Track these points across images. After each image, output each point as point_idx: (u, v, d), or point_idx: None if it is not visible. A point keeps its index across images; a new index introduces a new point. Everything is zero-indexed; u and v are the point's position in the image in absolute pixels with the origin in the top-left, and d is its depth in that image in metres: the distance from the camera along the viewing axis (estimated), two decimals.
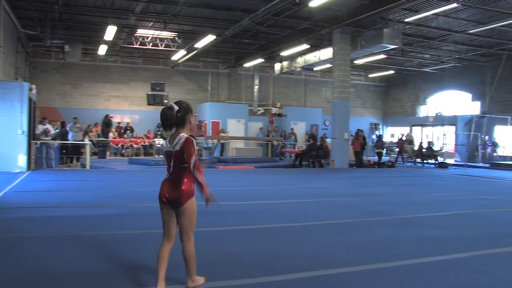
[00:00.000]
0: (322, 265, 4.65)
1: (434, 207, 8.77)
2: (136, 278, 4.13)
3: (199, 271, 3.92)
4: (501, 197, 10.55)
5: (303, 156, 19.68)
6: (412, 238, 5.97)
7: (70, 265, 4.47)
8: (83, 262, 4.57)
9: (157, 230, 5.35)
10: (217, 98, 27.77)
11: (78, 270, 4.35)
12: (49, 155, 14.47)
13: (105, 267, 4.43)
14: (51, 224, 6.38)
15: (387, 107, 33.31)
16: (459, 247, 5.49)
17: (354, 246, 5.49)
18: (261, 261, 4.76)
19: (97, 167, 15.64)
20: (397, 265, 4.72)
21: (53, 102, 24.27)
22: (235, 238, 5.77)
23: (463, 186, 12.74)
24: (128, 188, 10.37)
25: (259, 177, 14.27)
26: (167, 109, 3.71)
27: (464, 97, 27.22)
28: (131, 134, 24.78)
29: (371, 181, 14.09)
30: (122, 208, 7.81)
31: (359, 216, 7.57)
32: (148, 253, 4.82)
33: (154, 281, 3.70)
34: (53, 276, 4.16)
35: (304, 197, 9.64)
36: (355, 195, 10.26)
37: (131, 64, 26.27)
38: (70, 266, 4.44)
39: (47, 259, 4.68)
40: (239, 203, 8.55)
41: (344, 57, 18.78)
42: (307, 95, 30.49)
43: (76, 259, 4.68)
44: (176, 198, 3.64)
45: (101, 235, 5.71)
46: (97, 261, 4.61)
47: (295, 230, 6.44)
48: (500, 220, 7.49)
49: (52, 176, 12.64)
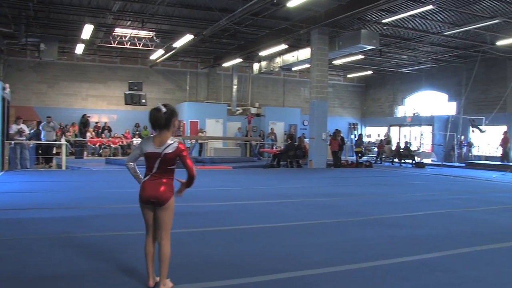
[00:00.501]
0: (294, 267, 4.64)
1: (408, 207, 8.87)
2: (118, 281, 4.10)
3: (169, 274, 3.91)
4: (474, 196, 10.71)
5: (281, 156, 19.72)
6: (385, 239, 6.02)
7: (45, 269, 4.40)
8: (59, 266, 4.51)
9: (135, 232, 5.38)
10: (196, 98, 27.68)
11: (54, 273, 4.28)
12: (24, 156, 14.22)
13: (82, 270, 4.37)
14: (23, 226, 6.26)
15: (366, 107, 33.60)
16: (431, 247, 5.54)
17: (327, 247, 5.51)
18: (233, 262, 4.76)
19: (74, 168, 15.46)
20: (369, 266, 4.75)
21: (29, 101, 23.93)
22: (208, 240, 5.74)
23: (438, 186, 12.90)
24: (103, 189, 10.26)
25: (236, 177, 14.25)
26: (155, 111, 3.80)
27: (441, 98, 27.63)
28: (109, 134, 24.56)
29: (348, 181, 14.19)
30: (96, 209, 7.68)
31: (334, 216, 7.61)
32: (128, 255, 4.83)
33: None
34: (23, 280, 4.10)
35: (280, 198, 9.66)
36: (332, 195, 10.32)
37: (109, 63, 26.03)
38: (45, 270, 4.37)
39: (18, 263, 4.58)
40: (214, 204, 8.54)
41: (322, 57, 18.87)
42: (285, 95, 30.58)
43: (50, 262, 4.61)
44: (160, 197, 3.76)
45: (75, 237, 5.61)
46: (71, 265, 4.54)
47: (270, 231, 6.44)
48: (472, 219, 7.60)
49: (26, 177, 12.42)
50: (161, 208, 3.78)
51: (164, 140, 3.77)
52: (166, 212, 3.80)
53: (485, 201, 9.86)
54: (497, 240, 6.04)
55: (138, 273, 4.23)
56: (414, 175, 16.87)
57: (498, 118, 21.53)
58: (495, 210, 8.69)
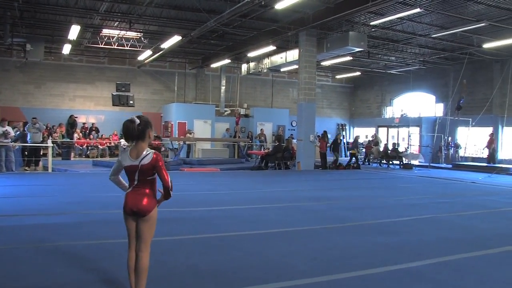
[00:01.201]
0: (277, 277, 4.63)
1: (394, 211, 8.89)
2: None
3: (152, 283, 3.89)
4: (460, 200, 10.76)
5: (269, 158, 19.71)
6: (370, 246, 6.02)
7: (30, 281, 4.35)
8: (43, 277, 4.45)
9: (118, 240, 5.32)
10: (184, 99, 27.58)
11: (38, 285, 4.23)
12: (9, 158, 14.04)
13: (66, 282, 4.32)
14: (7, 235, 6.17)
15: (354, 108, 33.70)
16: (415, 255, 5.55)
17: (311, 256, 5.49)
18: (216, 272, 4.72)
19: (60, 170, 15.29)
20: (352, 276, 4.74)
21: (15, 102, 23.71)
22: (191, 248, 5.69)
23: (424, 189, 12.96)
24: (89, 193, 10.15)
25: (223, 180, 14.20)
26: (129, 122, 3.78)
27: (428, 99, 27.81)
28: (96, 135, 24.40)
29: (335, 184, 14.21)
30: (80, 215, 7.60)
31: (319, 222, 7.60)
32: (112, 265, 4.81)
33: None
34: None
35: (266, 202, 9.64)
36: (318, 199, 10.31)
37: (97, 63, 25.85)
38: (29, 282, 4.32)
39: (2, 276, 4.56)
40: (200, 209, 8.49)
41: (310, 59, 18.89)
42: (274, 96, 30.55)
43: (34, 274, 4.55)
44: (142, 209, 3.75)
45: (59, 246, 5.55)
46: (55, 276, 4.49)
47: (254, 238, 6.41)
48: (456, 225, 7.63)
49: (11, 180, 12.25)
50: (142, 219, 3.77)
51: (140, 152, 3.77)
52: (147, 223, 3.78)
53: (470, 205, 9.94)
54: (481, 247, 6.07)
55: (121, 285, 4.19)
56: (401, 177, 16.94)
57: (484, 119, 21.72)
58: (480, 215, 8.75)
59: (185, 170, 17.30)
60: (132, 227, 3.84)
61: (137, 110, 25.35)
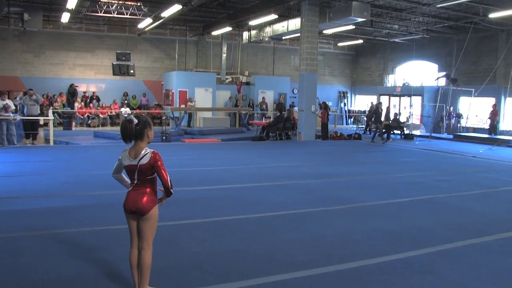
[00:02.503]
0: (278, 268, 4.68)
1: (394, 191, 8.93)
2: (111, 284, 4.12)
3: (155, 276, 3.94)
4: (460, 177, 10.80)
5: (270, 128, 19.71)
6: (369, 232, 6.07)
7: (32, 274, 4.39)
8: (46, 270, 4.49)
9: (119, 226, 5.30)
10: (185, 67, 27.35)
11: (40, 279, 4.27)
12: (11, 132, 14.01)
13: (69, 275, 4.36)
14: (8, 221, 6.18)
15: (356, 75, 33.46)
16: (414, 243, 5.61)
17: (311, 243, 5.54)
18: (217, 263, 4.78)
19: (62, 142, 15.29)
20: (351, 267, 4.79)
21: (14, 71, 23.52)
22: (194, 234, 5.74)
23: (425, 164, 12.99)
24: (90, 170, 10.15)
25: (224, 153, 14.22)
26: (126, 122, 3.76)
27: (431, 68, 27.56)
28: (97, 103, 24.34)
29: (336, 157, 14.23)
30: (82, 198, 7.63)
31: (319, 204, 7.65)
32: (114, 255, 4.87)
33: None
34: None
35: (267, 180, 9.69)
36: (318, 176, 10.35)
37: (96, 31, 25.52)
38: (31, 275, 4.36)
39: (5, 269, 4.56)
40: (200, 189, 8.56)
41: (312, 29, 18.64)
42: (275, 63, 30.27)
43: (36, 266, 4.59)
44: (141, 208, 3.76)
45: (61, 234, 5.60)
46: (58, 268, 4.53)
47: (254, 223, 6.47)
48: (455, 208, 7.65)
49: (12, 156, 12.24)
50: (142, 218, 3.80)
51: (138, 151, 3.77)
52: (147, 222, 3.81)
53: (470, 184, 9.97)
54: (478, 234, 6.12)
55: (124, 278, 4.26)
56: (402, 149, 16.94)
57: (487, 90, 21.56)
58: (479, 196, 8.78)
59: (186, 142, 17.34)
60: (133, 225, 3.87)
61: (138, 78, 25.29)
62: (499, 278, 4.65)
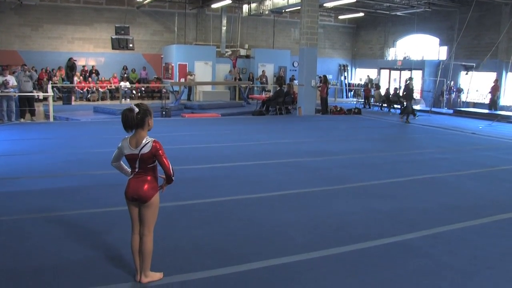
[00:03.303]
0: (277, 251, 4.77)
1: (393, 170, 8.99)
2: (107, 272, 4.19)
3: (156, 260, 4.04)
4: (458, 156, 10.82)
5: (270, 102, 19.69)
6: (367, 213, 6.16)
7: (33, 260, 4.45)
8: (47, 255, 4.55)
9: (119, 207, 5.34)
10: (184, 40, 27.11)
11: (41, 265, 4.34)
12: (10, 108, 13.97)
13: (70, 260, 4.43)
14: (8, 203, 6.22)
15: (356, 48, 33.20)
16: (411, 226, 5.70)
17: (310, 225, 5.63)
18: (218, 247, 4.87)
19: (61, 118, 15.26)
20: (349, 250, 4.87)
21: (12, 45, 23.26)
22: (194, 216, 5.82)
23: (424, 141, 13.02)
24: (90, 148, 10.17)
25: (224, 128, 14.24)
26: (128, 111, 3.77)
27: (432, 42, 27.32)
28: (96, 77, 24.22)
29: (336, 134, 14.27)
30: (82, 178, 7.68)
31: (319, 183, 7.72)
32: (115, 238, 4.96)
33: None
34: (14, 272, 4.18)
35: (267, 157, 9.74)
36: (318, 153, 10.40)
37: (95, 4, 25.14)
38: (33, 261, 4.42)
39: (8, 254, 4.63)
40: (200, 167, 8.64)
41: (312, 2, 18.45)
42: (275, 36, 29.94)
43: (37, 251, 4.65)
44: (143, 195, 3.82)
45: (61, 216, 5.67)
46: (59, 253, 4.60)
47: (254, 203, 6.54)
48: (453, 188, 7.73)
49: (12, 133, 12.22)
50: (144, 206, 3.86)
51: (139, 140, 3.79)
52: (149, 209, 3.87)
53: (469, 163, 10.00)
54: (475, 216, 6.20)
55: (125, 262, 4.34)
56: (402, 125, 16.95)
57: (488, 64, 21.46)
58: (477, 176, 8.83)
59: (186, 117, 17.34)
60: (134, 212, 3.93)
61: (137, 52, 25.09)
62: (494, 262, 4.72)
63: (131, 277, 4.05)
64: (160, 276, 4.07)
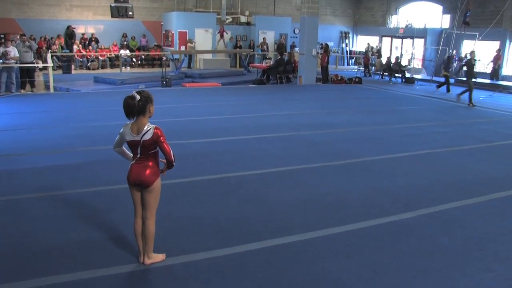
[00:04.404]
0: (277, 232, 4.88)
1: (391, 145, 9.03)
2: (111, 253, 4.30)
3: (158, 241, 4.16)
4: (458, 129, 10.87)
5: (271, 71, 19.62)
6: (365, 191, 6.26)
7: (39, 242, 4.54)
8: (52, 236, 4.64)
9: (122, 185, 5.21)
10: (184, 7, 26.75)
11: (48, 246, 4.43)
12: (11, 79, 13.92)
13: (75, 241, 4.53)
14: (11, 181, 6.29)
15: (358, 15, 32.75)
16: (409, 204, 5.81)
17: (309, 204, 5.74)
18: (219, 227, 4.98)
19: (62, 89, 15.22)
20: (346, 230, 4.99)
21: (9, 12, 22.82)
22: (195, 194, 5.92)
23: (423, 114, 13.02)
24: (92, 122, 10.16)
25: (224, 99, 14.23)
26: (129, 99, 3.83)
27: (435, 9, 26.96)
28: (96, 45, 24.03)
29: (336, 104, 14.27)
30: (84, 154, 7.73)
31: (318, 158, 7.81)
32: (118, 217, 5.07)
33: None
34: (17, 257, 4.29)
35: (268, 130, 9.83)
36: (318, 126, 10.47)
37: None
38: (39, 243, 4.51)
39: (12, 236, 4.73)
40: (201, 141, 8.73)
41: None
42: (276, 3, 29.51)
43: (43, 233, 4.75)
44: (145, 180, 3.91)
45: (65, 195, 5.77)
46: (65, 234, 4.71)
47: (255, 180, 6.63)
48: (451, 164, 7.80)
49: (13, 106, 12.22)
50: (146, 190, 3.95)
51: (141, 127, 3.85)
52: (151, 194, 3.96)
53: (467, 137, 10.06)
54: (471, 194, 6.30)
55: (129, 243, 4.46)
56: (402, 96, 16.86)
57: (492, 33, 21.21)
58: (475, 151, 8.90)
59: (186, 86, 17.31)
60: (137, 197, 4.02)
61: (137, 19, 24.81)
62: (485, 244, 4.83)
63: (135, 259, 4.17)
64: (162, 258, 4.20)
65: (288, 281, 3.94)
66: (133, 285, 3.87)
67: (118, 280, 3.90)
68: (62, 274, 3.90)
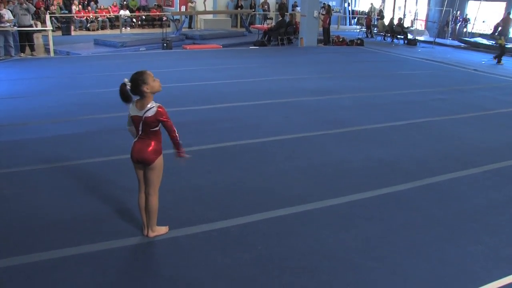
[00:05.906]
0: (276, 203, 5.02)
1: (390, 113, 9.07)
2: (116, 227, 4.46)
3: (160, 213, 4.29)
4: (457, 97, 10.87)
5: (272, 33, 19.48)
6: (363, 161, 6.39)
7: (48, 215, 4.68)
8: (60, 210, 4.75)
9: (125, 155, 5.16)
10: None
11: (57, 219, 4.58)
12: (8, 43, 13.83)
13: (81, 215, 4.66)
14: (17, 152, 6.35)
15: None
16: (404, 175, 5.93)
17: (307, 174, 5.88)
18: (219, 198, 5.13)
19: (62, 52, 15.15)
20: (345, 201, 5.14)
21: None
22: (196, 164, 5.92)
23: (424, 79, 13.00)
24: (94, 88, 10.13)
25: (225, 62, 14.21)
26: (122, 85, 3.89)
27: None
28: (95, 6, 23.74)
29: (337, 68, 14.26)
30: (86, 123, 7.75)
31: (318, 126, 7.91)
32: (123, 189, 5.18)
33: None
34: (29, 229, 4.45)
35: (267, 96, 9.90)
36: (318, 92, 10.50)
37: None
38: (49, 216, 4.65)
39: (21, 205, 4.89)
40: (201, 108, 8.82)
41: None
42: None
43: (50, 205, 4.87)
44: (146, 158, 4.01)
45: (71, 166, 5.87)
46: (71, 208, 4.84)
47: (254, 149, 6.75)
48: (448, 134, 7.85)
49: (13, 71, 12.15)
50: (148, 168, 4.05)
51: (144, 104, 3.92)
52: (153, 172, 4.07)
53: (467, 105, 10.07)
54: (468, 165, 6.41)
55: (133, 216, 4.61)
56: (404, 60, 16.73)
57: None
58: (474, 119, 8.94)
59: (187, 48, 17.24)
60: (140, 173, 4.15)
61: None
62: (479, 216, 4.98)
63: (139, 231, 4.34)
64: (166, 230, 4.37)
65: (286, 254, 4.09)
66: (138, 258, 4.03)
67: (124, 253, 4.07)
68: (70, 247, 4.06)
